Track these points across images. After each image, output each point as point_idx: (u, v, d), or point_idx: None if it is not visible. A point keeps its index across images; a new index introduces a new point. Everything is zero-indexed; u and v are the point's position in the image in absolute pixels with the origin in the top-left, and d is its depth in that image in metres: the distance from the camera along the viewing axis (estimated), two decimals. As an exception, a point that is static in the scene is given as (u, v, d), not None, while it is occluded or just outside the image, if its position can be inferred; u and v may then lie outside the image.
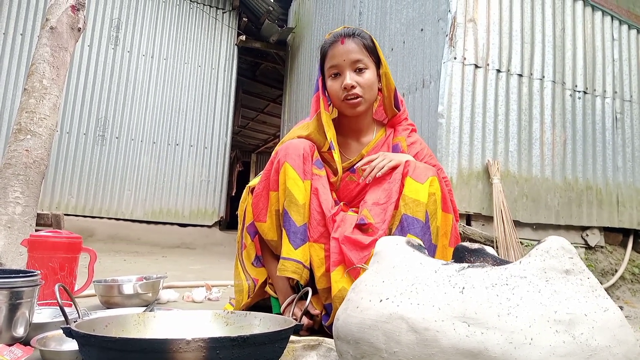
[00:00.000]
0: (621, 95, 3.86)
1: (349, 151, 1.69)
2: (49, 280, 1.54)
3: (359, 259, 1.36)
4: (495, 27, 3.33)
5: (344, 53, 1.55)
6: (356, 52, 1.55)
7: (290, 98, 7.12)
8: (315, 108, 1.62)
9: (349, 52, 1.55)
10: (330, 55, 1.59)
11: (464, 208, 3.08)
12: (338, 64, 1.56)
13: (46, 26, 2.78)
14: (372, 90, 1.59)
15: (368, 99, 1.59)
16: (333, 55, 1.57)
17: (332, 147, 1.58)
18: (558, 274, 0.74)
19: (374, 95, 1.62)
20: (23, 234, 2.38)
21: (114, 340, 0.77)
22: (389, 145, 1.66)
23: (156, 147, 6.71)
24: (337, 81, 1.58)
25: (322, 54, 1.63)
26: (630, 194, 3.77)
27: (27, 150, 2.54)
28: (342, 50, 1.55)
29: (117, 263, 3.94)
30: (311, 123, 1.63)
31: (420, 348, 0.73)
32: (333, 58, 1.57)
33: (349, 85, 1.54)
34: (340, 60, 1.56)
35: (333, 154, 1.59)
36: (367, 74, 1.57)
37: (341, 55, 1.55)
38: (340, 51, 1.56)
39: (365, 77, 1.56)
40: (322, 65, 1.65)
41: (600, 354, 0.68)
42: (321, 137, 1.61)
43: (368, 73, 1.57)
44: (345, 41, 1.56)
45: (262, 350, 0.82)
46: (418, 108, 3.44)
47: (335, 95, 1.59)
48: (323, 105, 1.60)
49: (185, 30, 7.07)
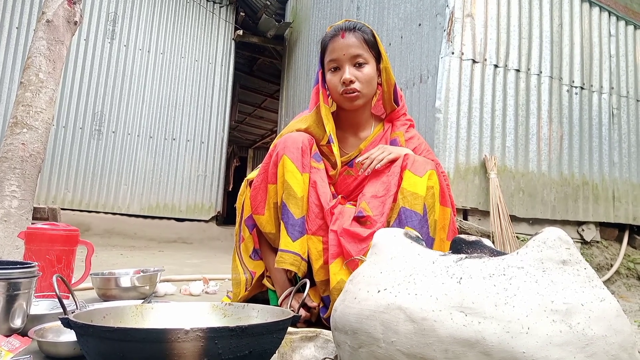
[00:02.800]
0: (618, 91, 3.87)
1: (347, 146, 1.69)
2: (46, 272, 1.54)
3: (357, 251, 1.37)
4: (493, 22, 3.33)
5: (344, 47, 1.55)
6: (356, 47, 1.55)
7: (288, 93, 7.10)
8: (315, 100, 1.62)
9: (349, 46, 1.55)
10: (330, 49, 1.58)
11: (461, 203, 3.09)
12: (338, 57, 1.56)
13: (42, 19, 2.76)
14: (371, 86, 1.59)
15: (366, 93, 1.59)
16: (333, 49, 1.57)
17: (331, 141, 1.58)
18: (555, 265, 0.75)
19: (373, 90, 1.62)
20: (19, 227, 2.38)
21: (112, 330, 0.77)
22: (387, 140, 1.66)
23: (153, 141, 6.69)
24: (336, 75, 1.58)
25: (322, 47, 1.63)
26: (626, 190, 3.78)
27: (23, 144, 2.53)
28: (342, 44, 1.55)
29: (113, 257, 3.94)
30: (310, 116, 1.63)
31: (418, 337, 0.73)
32: (333, 52, 1.57)
33: (348, 80, 1.54)
34: (340, 55, 1.55)
35: (332, 147, 1.59)
36: (366, 69, 1.56)
37: (341, 49, 1.55)
38: (340, 45, 1.55)
39: (364, 72, 1.56)
40: (322, 58, 1.64)
41: (596, 343, 0.68)
42: (320, 130, 1.61)
43: (367, 68, 1.57)
44: (346, 35, 1.56)
45: (260, 340, 0.82)
46: (416, 103, 3.44)
47: (334, 89, 1.59)
48: (322, 98, 1.60)
49: (182, 25, 7.04)
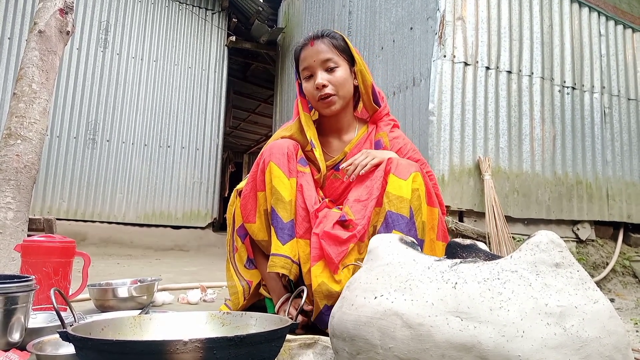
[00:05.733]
0: (609, 90, 3.90)
1: (332, 150, 1.71)
2: (43, 285, 1.54)
3: (337, 254, 1.39)
4: (483, 25, 3.35)
5: (314, 54, 1.59)
6: (325, 52, 1.59)
7: (282, 98, 7.12)
8: (296, 111, 1.67)
9: (319, 52, 1.59)
10: (302, 58, 1.64)
11: (456, 204, 3.11)
12: (309, 65, 1.60)
13: (34, 30, 2.76)
14: (345, 88, 1.62)
15: (342, 95, 1.62)
16: (304, 57, 1.62)
17: (312, 146, 1.62)
18: (548, 268, 0.76)
19: (348, 92, 1.65)
20: (15, 239, 2.37)
21: (111, 342, 0.77)
22: (372, 141, 1.69)
23: (147, 149, 6.68)
24: (310, 82, 1.62)
25: (295, 58, 1.69)
26: (620, 188, 3.81)
27: (17, 155, 2.52)
28: (312, 51, 1.60)
29: (110, 267, 3.93)
30: (293, 124, 1.68)
31: (415, 343, 0.74)
32: (304, 60, 1.62)
33: (320, 84, 1.57)
34: (311, 62, 1.60)
35: (314, 151, 1.61)
36: (339, 72, 1.60)
37: (311, 56, 1.60)
38: (310, 53, 1.60)
39: (337, 75, 1.59)
40: (297, 69, 1.69)
41: (590, 345, 0.69)
42: (303, 137, 1.65)
43: (339, 71, 1.60)
44: (315, 43, 1.60)
45: (259, 349, 0.83)
46: (409, 106, 3.46)
47: (311, 95, 1.63)
48: (302, 107, 1.65)
49: (175, 32, 7.04)
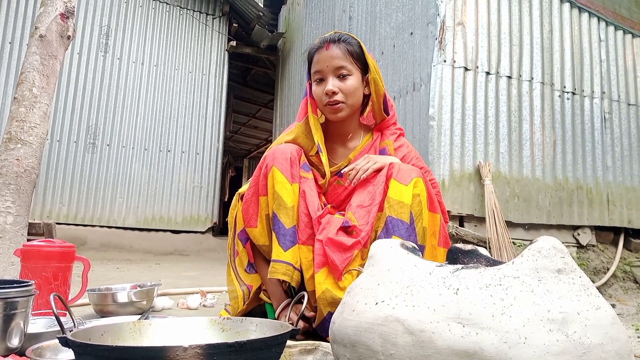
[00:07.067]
0: (609, 96, 3.90)
1: (336, 156, 1.70)
2: (43, 289, 1.53)
3: (341, 260, 1.38)
4: (483, 30, 3.36)
5: (327, 59, 1.57)
6: (339, 59, 1.57)
7: (282, 102, 7.13)
8: (305, 112, 1.64)
9: (333, 58, 1.57)
10: (315, 60, 1.61)
11: (457, 210, 3.10)
12: (322, 69, 1.59)
13: (35, 34, 2.76)
14: (355, 97, 1.61)
15: (350, 104, 1.60)
16: (317, 61, 1.60)
17: (319, 150, 1.60)
18: (550, 274, 0.75)
19: (357, 101, 1.63)
20: (15, 243, 2.36)
21: (110, 348, 0.76)
22: (376, 149, 1.68)
23: (148, 154, 6.68)
24: (320, 86, 1.60)
25: (308, 59, 1.66)
26: (620, 193, 3.81)
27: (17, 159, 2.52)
28: (326, 56, 1.57)
29: (110, 271, 3.92)
30: (298, 127, 1.65)
31: (417, 349, 0.73)
32: (317, 63, 1.60)
33: (330, 91, 1.55)
34: (324, 66, 1.58)
35: (321, 156, 1.60)
36: (350, 81, 1.58)
37: (324, 61, 1.58)
38: (324, 57, 1.58)
39: (348, 84, 1.57)
40: (309, 70, 1.67)
41: (593, 351, 0.69)
42: (309, 141, 1.63)
43: (351, 80, 1.58)
44: (330, 47, 1.58)
45: (259, 355, 0.82)
46: (409, 111, 3.46)
47: (319, 100, 1.61)
48: (311, 109, 1.62)
49: (176, 37, 7.06)
